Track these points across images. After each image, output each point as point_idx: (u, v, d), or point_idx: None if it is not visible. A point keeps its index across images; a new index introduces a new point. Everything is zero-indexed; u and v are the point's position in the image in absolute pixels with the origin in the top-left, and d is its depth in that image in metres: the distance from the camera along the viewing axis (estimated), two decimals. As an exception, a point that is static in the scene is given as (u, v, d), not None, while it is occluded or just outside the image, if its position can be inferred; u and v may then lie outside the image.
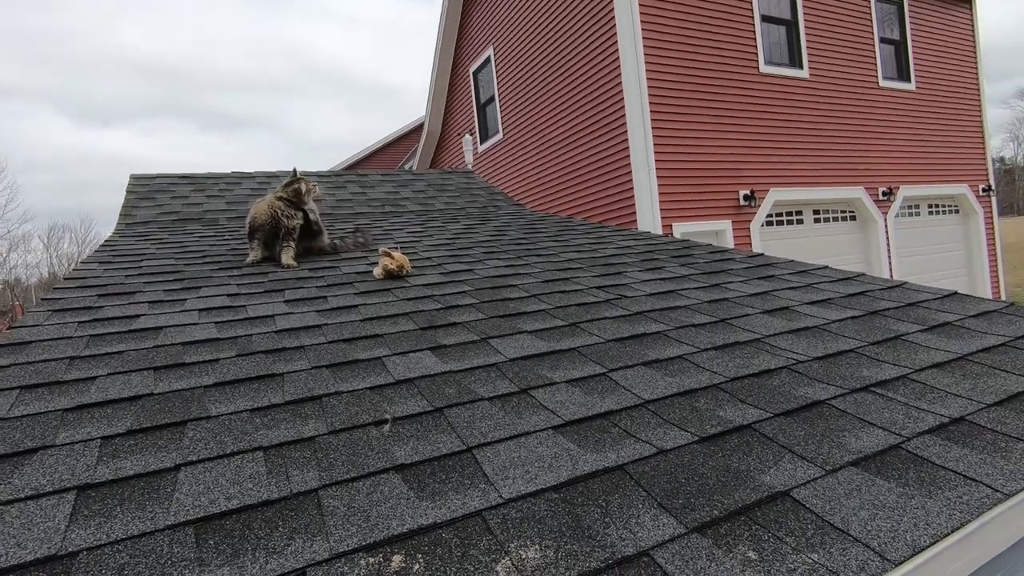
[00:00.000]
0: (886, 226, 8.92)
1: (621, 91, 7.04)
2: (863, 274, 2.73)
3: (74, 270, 2.81)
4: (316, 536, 0.94)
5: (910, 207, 9.65)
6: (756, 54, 7.83)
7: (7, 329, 1.93)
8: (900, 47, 9.41)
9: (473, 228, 4.28)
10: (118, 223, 4.16)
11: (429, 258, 3.15)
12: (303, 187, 3.12)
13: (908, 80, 9.39)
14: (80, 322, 2.00)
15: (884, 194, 8.87)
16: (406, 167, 15.12)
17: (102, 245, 3.49)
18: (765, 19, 7.97)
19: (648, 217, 6.96)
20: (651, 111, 6.99)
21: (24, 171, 50.70)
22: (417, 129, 15.79)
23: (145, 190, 4.79)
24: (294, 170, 3.21)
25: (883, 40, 9.16)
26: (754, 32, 7.81)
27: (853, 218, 8.93)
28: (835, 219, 8.77)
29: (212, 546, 0.92)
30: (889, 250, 8.95)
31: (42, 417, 1.32)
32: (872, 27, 8.95)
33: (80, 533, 0.94)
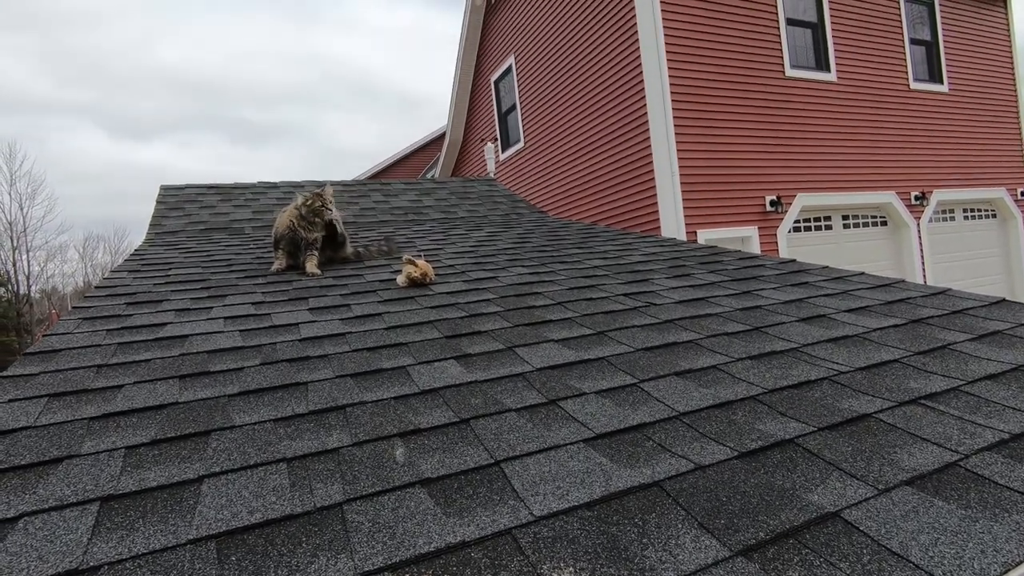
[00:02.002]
0: (919, 231, 8.65)
1: (643, 96, 6.98)
2: (902, 280, 2.62)
3: (105, 279, 2.85)
4: (340, 554, 0.90)
5: (944, 212, 9.35)
6: (781, 58, 7.69)
7: (42, 336, 1.96)
8: (932, 48, 9.16)
9: (496, 235, 4.25)
10: (148, 233, 4.24)
11: (452, 266, 3.13)
12: (318, 202, 3.09)
13: (940, 82, 9.13)
14: (109, 330, 2.01)
15: (917, 199, 8.61)
16: (428, 175, 15.23)
17: (132, 254, 3.55)
18: (790, 22, 7.84)
19: (672, 224, 6.86)
20: (674, 116, 6.91)
21: (63, 183, 52.46)
22: (439, 138, 15.90)
23: (174, 200, 4.88)
24: (312, 192, 3.19)
25: (913, 41, 8.93)
26: (779, 35, 7.68)
27: (884, 223, 8.68)
28: (865, 225, 8.54)
29: (234, 562, 0.89)
30: (923, 256, 8.67)
31: (68, 426, 1.32)
32: (902, 28, 8.73)
33: (102, 547, 0.92)
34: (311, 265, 3.01)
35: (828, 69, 8.05)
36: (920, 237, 8.64)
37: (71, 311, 2.29)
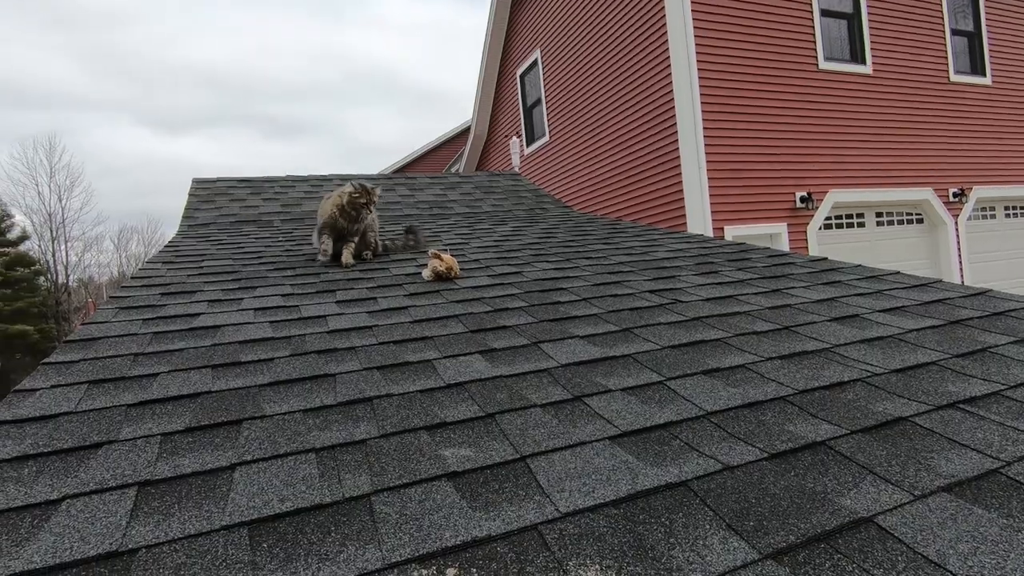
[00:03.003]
0: (957, 229, 8.37)
1: (671, 90, 6.88)
2: (940, 280, 2.54)
3: (140, 269, 2.93)
4: (368, 544, 0.92)
5: (984, 209, 9.03)
6: (815, 50, 7.50)
7: (80, 325, 2.03)
8: (974, 39, 8.83)
9: (521, 230, 4.25)
10: (181, 225, 4.34)
11: (477, 260, 3.14)
12: (362, 199, 3.08)
13: (983, 74, 8.79)
14: (144, 319, 2.07)
15: (955, 195, 8.33)
16: (453, 169, 15.28)
17: (166, 246, 3.64)
18: (825, 13, 7.63)
19: (699, 220, 6.76)
20: (703, 111, 6.80)
21: (99, 176, 54.18)
22: (464, 132, 15.93)
23: (206, 193, 4.99)
24: (360, 185, 3.12)
25: (955, 32, 8.62)
26: (813, 27, 7.49)
27: (920, 221, 8.42)
28: (900, 222, 8.29)
29: (266, 549, 0.91)
30: (960, 255, 8.39)
31: (107, 412, 1.36)
32: (943, 18, 8.43)
33: (140, 530, 0.95)
34: (347, 255, 3.07)
35: (863, 61, 7.82)
36: (958, 236, 8.36)
37: (108, 300, 2.36)
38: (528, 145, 10.71)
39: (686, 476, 1.09)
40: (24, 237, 22.65)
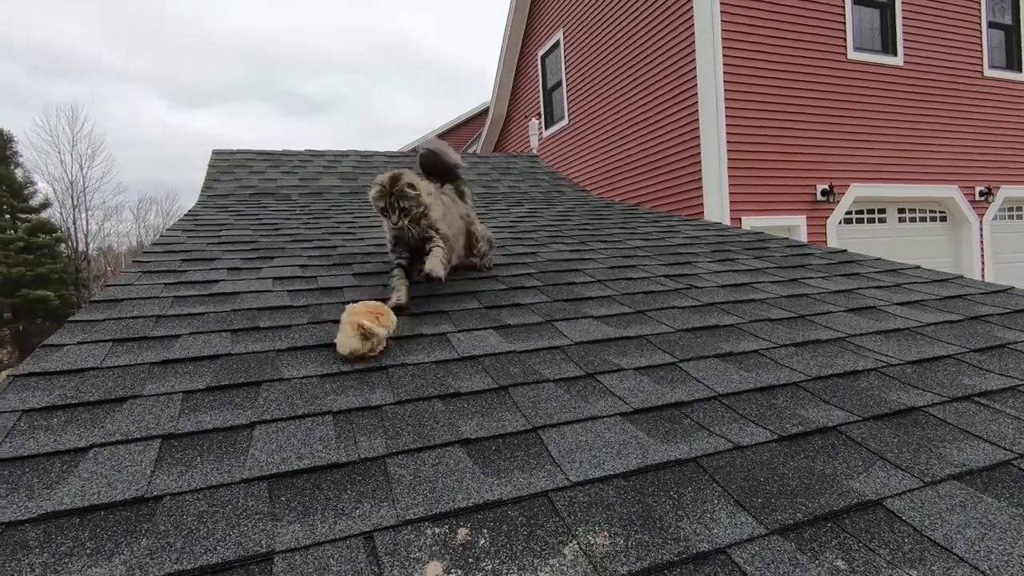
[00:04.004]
0: (981, 229, 8.20)
1: (695, 76, 6.77)
2: (961, 276, 2.50)
3: (161, 236, 2.98)
4: (383, 502, 0.94)
5: (1011, 209, 8.83)
6: (845, 39, 7.32)
7: (105, 286, 2.07)
8: (1012, 33, 8.55)
9: (537, 212, 4.24)
10: (200, 195, 4.39)
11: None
12: (381, 201, 2.01)
13: (1019, 70, 8.53)
14: (166, 284, 2.11)
15: (982, 194, 8.15)
16: (470, 150, 15.21)
17: (186, 215, 3.69)
18: (858, 1, 7.43)
19: (716, 209, 6.70)
20: (726, 97, 6.69)
21: (121, 147, 54.79)
22: (482, 114, 15.83)
23: (226, 164, 5.03)
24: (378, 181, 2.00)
25: (992, 25, 8.36)
26: (844, 15, 7.30)
27: (944, 219, 8.27)
28: (923, 219, 8.15)
29: (284, 502, 0.94)
30: (983, 255, 8.24)
31: (131, 369, 1.40)
32: (980, 11, 8.17)
33: (164, 479, 0.98)
34: (432, 265, 1.92)
35: (894, 52, 7.62)
36: (982, 235, 8.20)
37: (131, 264, 2.40)
38: (547, 128, 10.62)
39: (696, 453, 1.10)
40: (46, 204, 23.01)
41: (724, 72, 6.68)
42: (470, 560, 0.82)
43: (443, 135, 16.75)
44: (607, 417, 1.24)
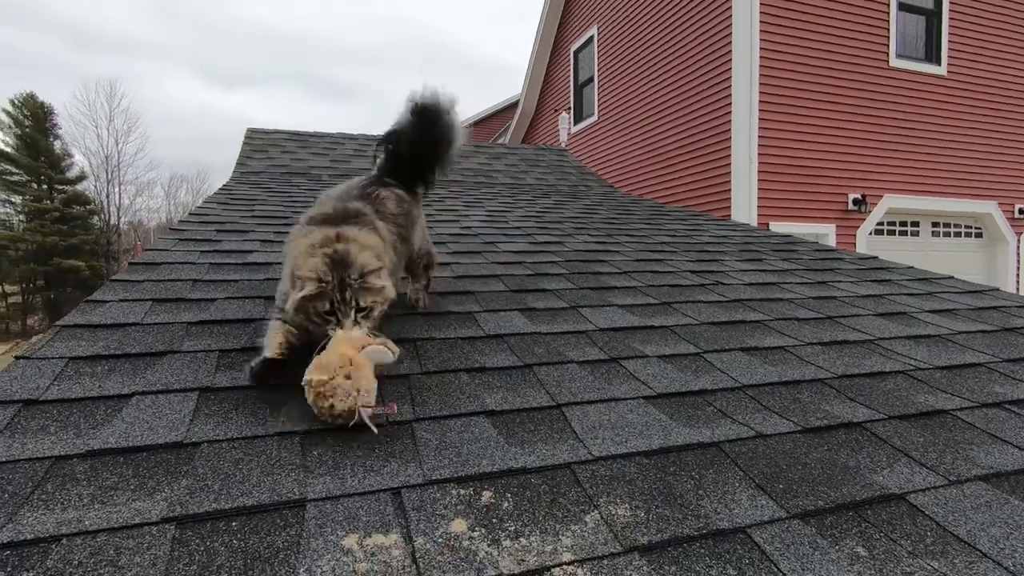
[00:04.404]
0: (1019, 248, 7.97)
1: (729, 78, 6.68)
2: (997, 289, 2.45)
3: (198, 207, 3.06)
4: (410, 463, 0.97)
5: (1051, 229, 8.55)
6: (887, 46, 7.15)
7: (144, 250, 2.14)
8: (1063, 46, 8.26)
9: (564, 204, 4.24)
10: (234, 171, 4.48)
11: (519, 228, 3.16)
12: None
13: (1068, 85, 8.24)
14: (202, 251, 2.17)
15: (1022, 212, 7.91)
16: (499, 142, 15.20)
17: (220, 189, 3.77)
18: (903, 7, 7.25)
19: (744, 213, 6.61)
20: (760, 100, 6.59)
21: (156, 124, 56.06)
22: (510, 107, 15.81)
23: (259, 143, 5.12)
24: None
25: (1043, 37, 8.08)
26: (888, 21, 7.13)
27: (979, 235, 8.05)
28: (957, 235, 7.94)
29: (316, 456, 0.97)
30: (1019, 274, 8.00)
31: (170, 327, 1.45)
32: (1031, 22, 7.90)
33: (202, 427, 1.02)
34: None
35: (938, 61, 7.42)
36: (1019, 254, 7.96)
37: (169, 232, 2.47)
38: (576, 124, 10.58)
39: (718, 438, 1.11)
40: (82, 177, 23.65)
41: (760, 73, 6.58)
42: (494, 521, 0.84)
43: (472, 126, 16.77)
44: (630, 399, 1.25)
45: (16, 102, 21.36)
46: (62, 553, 0.73)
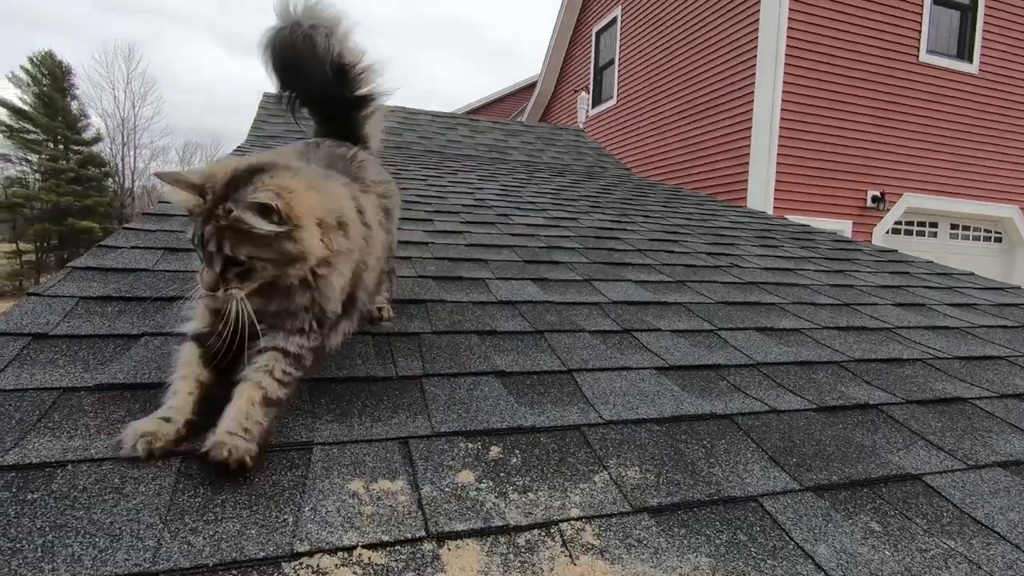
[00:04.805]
0: (1038, 254, 7.82)
1: (754, 66, 6.54)
2: (1019, 287, 2.40)
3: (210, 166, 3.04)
4: (419, 415, 0.96)
5: (1073, 237, 8.39)
6: (918, 40, 6.97)
7: (159, 202, 2.12)
8: (1101, 49, 8.01)
9: (579, 183, 4.19)
10: (248, 134, 4.45)
11: (533, 203, 3.12)
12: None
13: (1103, 89, 8.01)
14: (215, 207, 2.15)
15: (1043, 217, 7.75)
16: (514, 121, 15.05)
17: (234, 150, 3.75)
18: (938, 2, 7.04)
19: (759, 204, 6.52)
20: (783, 91, 6.46)
21: (172, 90, 55.96)
22: (527, 88, 15.62)
23: (274, 107, 5.08)
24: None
25: (1081, 39, 7.84)
26: (921, 14, 6.94)
27: (999, 240, 7.91)
28: (976, 238, 7.80)
29: (323, 404, 0.96)
30: (1036, 281, 7.87)
31: (180, 274, 1.44)
32: (1070, 22, 7.66)
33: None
34: None
35: (970, 59, 7.23)
36: (1037, 260, 7.82)
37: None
38: (594, 106, 10.44)
39: (731, 411, 1.09)
40: (98, 139, 23.69)
41: (785, 63, 6.43)
42: (501, 475, 0.83)
43: (488, 105, 16.63)
44: (642, 369, 1.23)
45: (35, 60, 21.36)
46: (67, 478, 0.72)
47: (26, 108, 21.10)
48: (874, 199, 6.97)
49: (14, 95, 20.83)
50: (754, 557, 0.73)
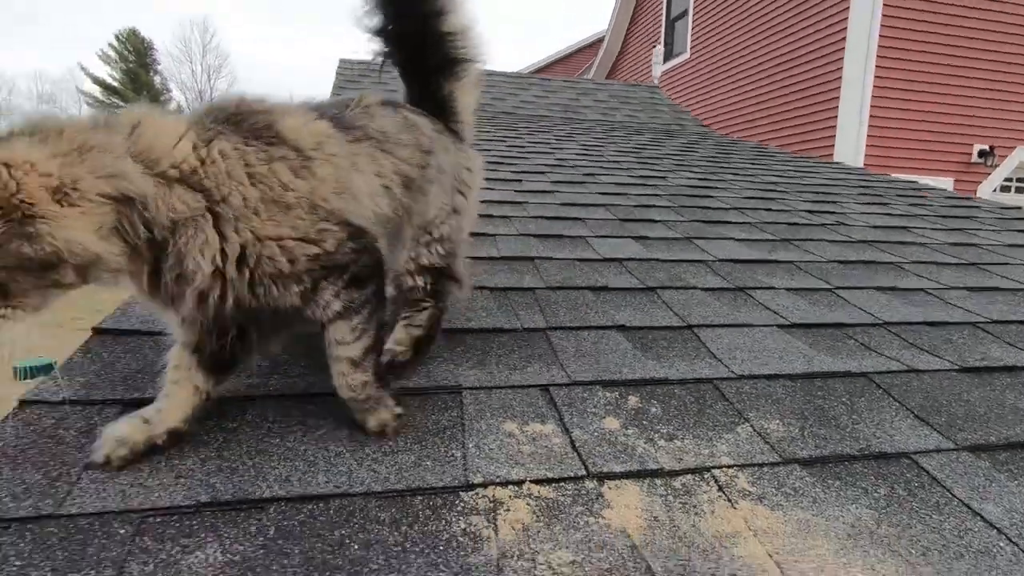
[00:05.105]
0: None
1: (847, 12, 6.01)
2: None
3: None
4: (552, 365, 0.98)
5: None
6: (1044, -30, 6.16)
7: None
8: None
9: (659, 142, 4.06)
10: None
11: (617, 162, 3.06)
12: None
13: None
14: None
15: None
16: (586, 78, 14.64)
17: (319, 117, 3.86)
18: (1071, -77, 6.17)
19: (848, 160, 6.10)
20: (880, 33, 5.91)
21: (240, 65, 57.92)
22: (592, 45, 15.09)
23: (351, 73, 5.17)
24: None
25: None
26: (1050, -60, 6.11)
27: None
28: (1100, 195, 7.00)
29: (460, 352, 1.00)
30: None
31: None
32: None
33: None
34: None
35: (1108, -11, 6.33)
36: None
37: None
38: (665, 61, 9.98)
39: (867, 369, 1.05)
40: (179, 111, 24.99)
41: (883, 7, 5.87)
42: (644, 423, 0.84)
43: (552, 65, 16.22)
44: (763, 326, 1.21)
45: (120, 37, 22.63)
46: (257, 411, 0.79)
47: (116, 85, 22.48)
48: (981, 154, 6.36)
49: (105, 72, 22.16)
50: (917, 512, 0.71)
